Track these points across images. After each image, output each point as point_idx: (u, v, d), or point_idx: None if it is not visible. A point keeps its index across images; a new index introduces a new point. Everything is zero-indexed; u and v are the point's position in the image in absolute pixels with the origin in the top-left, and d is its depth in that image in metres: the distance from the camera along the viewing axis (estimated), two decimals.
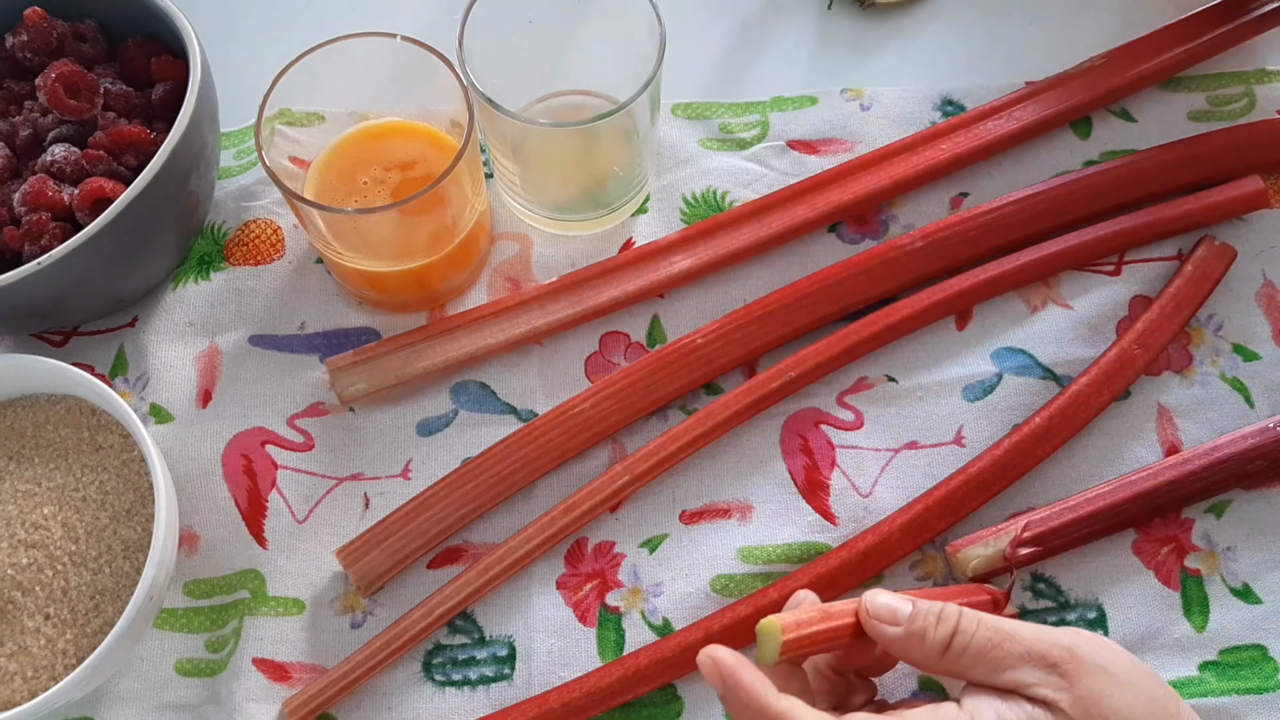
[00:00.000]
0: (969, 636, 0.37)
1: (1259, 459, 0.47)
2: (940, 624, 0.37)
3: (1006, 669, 0.36)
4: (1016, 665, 0.36)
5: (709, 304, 0.53)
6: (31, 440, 0.47)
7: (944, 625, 0.37)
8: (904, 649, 0.38)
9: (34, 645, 0.43)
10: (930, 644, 0.37)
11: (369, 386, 0.49)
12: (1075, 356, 0.50)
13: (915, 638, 0.37)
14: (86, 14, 0.52)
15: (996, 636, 0.37)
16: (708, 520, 0.49)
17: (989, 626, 0.37)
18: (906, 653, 0.38)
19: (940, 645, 0.37)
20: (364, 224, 0.46)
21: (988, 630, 0.37)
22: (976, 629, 0.37)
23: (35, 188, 0.47)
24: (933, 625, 0.37)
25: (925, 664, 0.38)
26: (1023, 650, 0.36)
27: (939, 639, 0.37)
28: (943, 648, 0.37)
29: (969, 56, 0.59)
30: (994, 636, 0.37)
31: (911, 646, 0.37)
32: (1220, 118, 0.56)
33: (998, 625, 0.37)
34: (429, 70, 0.47)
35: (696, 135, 0.56)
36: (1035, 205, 0.52)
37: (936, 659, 0.37)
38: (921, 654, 0.37)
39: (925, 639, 0.37)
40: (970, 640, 0.37)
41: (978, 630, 0.37)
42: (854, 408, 0.50)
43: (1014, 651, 0.36)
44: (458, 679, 0.46)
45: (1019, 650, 0.36)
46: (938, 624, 0.37)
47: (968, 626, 0.37)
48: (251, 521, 0.49)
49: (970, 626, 0.37)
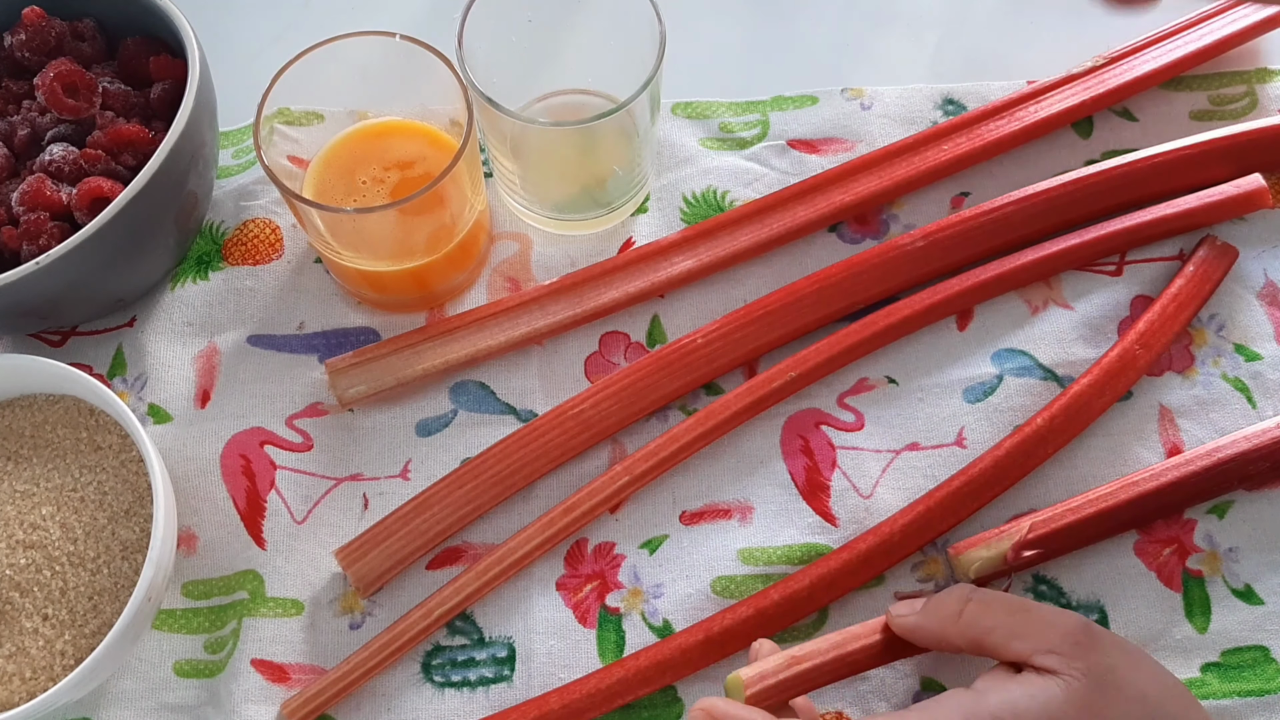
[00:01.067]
0: (984, 603, 0.38)
1: (1261, 460, 0.47)
2: (951, 594, 0.39)
3: (1021, 637, 0.37)
4: (1031, 635, 0.37)
5: (709, 304, 0.53)
6: (30, 440, 0.47)
7: (958, 592, 0.39)
8: (923, 626, 0.39)
9: (32, 646, 0.43)
10: (946, 610, 0.39)
11: (368, 389, 0.49)
12: (1076, 357, 0.50)
13: (931, 610, 0.39)
14: (85, 13, 0.52)
15: (1013, 605, 0.38)
16: (708, 521, 0.48)
17: (1005, 597, 0.38)
18: (926, 628, 0.39)
19: (955, 610, 0.38)
20: (363, 223, 0.46)
21: (1004, 600, 0.38)
22: (991, 599, 0.38)
23: (33, 187, 0.47)
24: (945, 595, 0.39)
25: (943, 634, 0.39)
26: (1039, 621, 0.37)
27: (954, 603, 0.39)
28: (957, 612, 0.38)
29: (970, 56, 0.59)
30: (1010, 605, 0.38)
31: (927, 621, 0.39)
32: (1222, 117, 0.56)
33: (1014, 598, 0.38)
34: (428, 69, 0.47)
35: (696, 134, 0.56)
36: (1036, 205, 0.52)
37: (953, 624, 0.38)
38: (938, 624, 0.39)
39: (941, 608, 0.39)
40: (986, 607, 0.38)
41: (994, 599, 0.38)
42: (854, 409, 0.50)
43: (1029, 621, 0.37)
44: (457, 680, 0.46)
45: (1035, 621, 0.37)
46: (949, 595, 0.39)
47: (983, 595, 0.39)
48: (250, 522, 0.49)
49: (985, 593, 0.39)
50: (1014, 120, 0.54)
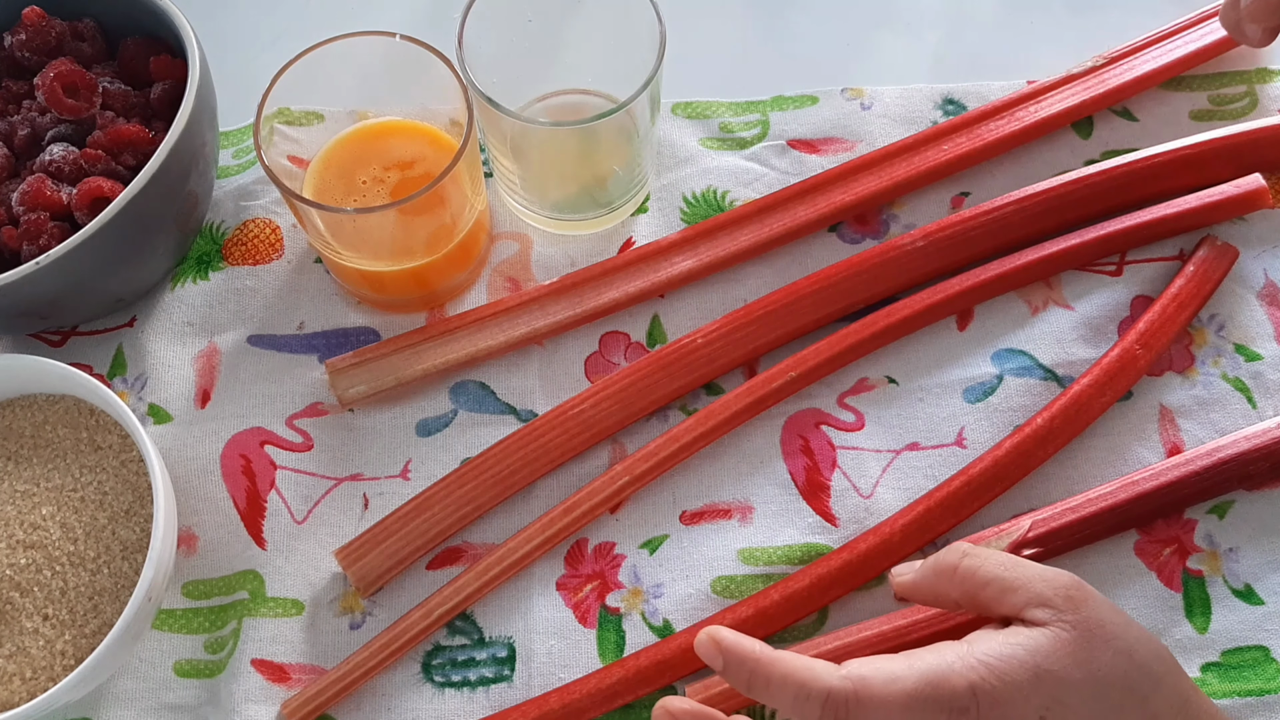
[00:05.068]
0: (979, 560, 0.39)
1: (1261, 460, 0.47)
2: (949, 550, 0.40)
3: (1016, 590, 0.37)
4: (1024, 589, 0.37)
5: (709, 304, 0.53)
6: (30, 440, 0.47)
7: (953, 550, 0.40)
8: (921, 582, 0.40)
9: (32, 646, 0.43)
10: (942, 564, 0.39)
11: (368, 389, 0.49)
12: (1077, 357, 0.50)
13: (928, 567, 0.40)
14: (85, 13, 0.52)
15: (1009, 561, 0.39)
16: (708, 521, 0.48)
17: (999, 554, 0.39)
18: (923, 584, 0.40)
19: (952, 564, 0.39)
20: (363, 223, 0.46)
21: (998, 557, 0.39)
22: (987, 554, 0.39)
23: (34, 187, 0.47)
24: (943, 553, 0.40)
25: (941, 590, 0.40)
26: (1033, 576, 0.38)
27: (949, 559, 0.39)
28: (953, 566, 0.39)
29: (970, 56, 0.59)
30: (1006, 561, 0.39)
31: (924, 577, 0.40)
32: (1222, 117, 0.55)
33: (1008, 555, 0.39)
34: (428, 69, 0.47)
35: (696, 134, 0.56)
36: (1036, 205, 0.52)
37: (949, 579, 0.39)
38: (935, 578, 0.40)
39: (938, 564, 0.40)
40: (983, 561, 0.39)
41: (989, 555, 0.39)
42: (855, 409, 0.50)
43: (1023, 576, 0.38)
44: (457, 680, 0.46)
45: (1029, 576, 0.38)
46: (947, 551, 0.40)
47: (977, 551, 0.39)
48: (250, 522, 0.49)
49: (983, 550, 0.39)
50: (1014, 120, 0.54)
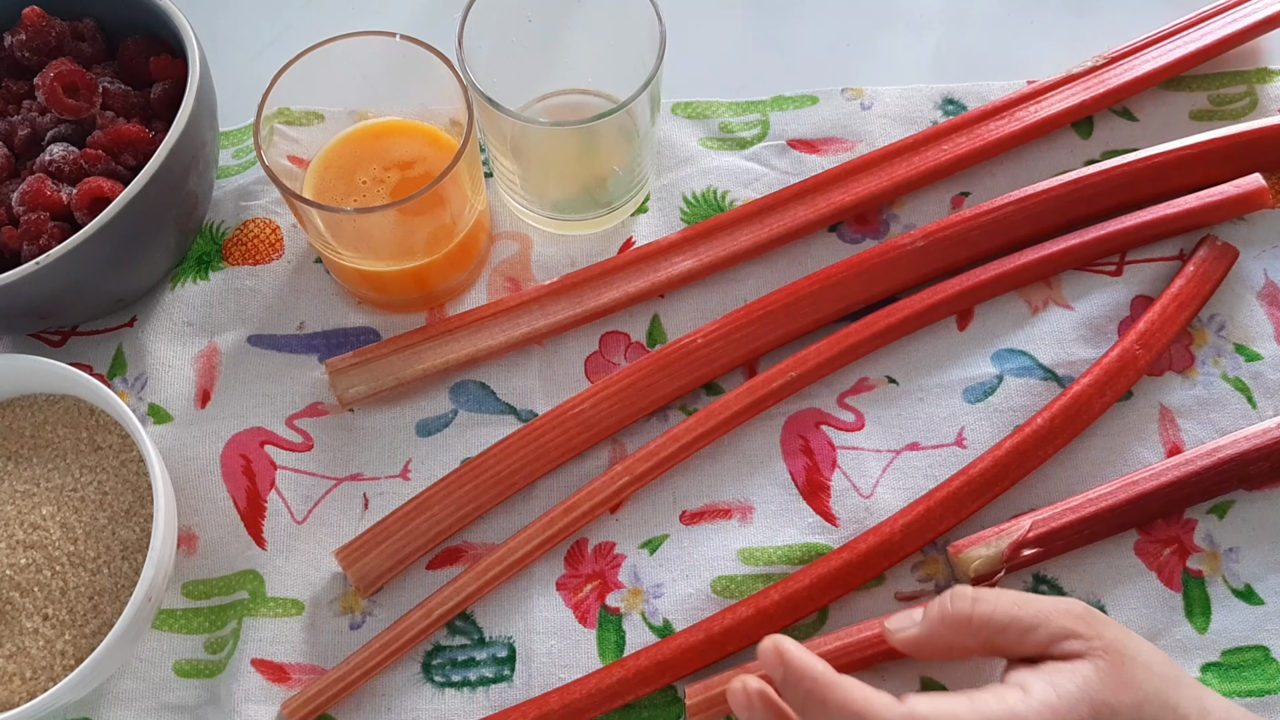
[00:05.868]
0: (991, 604, 0.38)
1: (1261, 460, 0.47)
2: (955, 599, 0.39)
3: (1036, 628, 0.37)
4: (1045, 625, 0.37)
5: (709, 304, 0.53)
6: (30, 440, 0.47)
7: (960, 598, 0.39)
8: (929, 638, 0.39)
9: (32, 646, 0.43)
10: (953, 616, 0.38)
11: (368, 389, 0.49)
12: (1077, 357, 0.50)
13: (935, 622, 0.39)
14: (85, 13, 0.52)
15: (1019, 599, 0.38)
16: (708, 521, 0.48)
17: (1008, 594, 0.38)
18: (932, 641, 0.39)
19: (964, 614, 0.38)
20: (363, 223, 0.46)
21: (1008, 596, 0.38)
22: (997, 597, 0.38)
23: (34, 187, 0.47)
24: (947, 602, 0.39)
25: (953, 643, 0.39)
26: (1048, 608, 0.38)
27: (961, 609, 0.38)
28: (967, 616, 0.38)
29: (970, 56, 0.59)
30: (1016, 599, 0.38)
31: (934, 632, 0.39)
32: (1222, 117, 0.55)
33: (1013, 593, 0.39)
34: (428, 69, 0.47)
35: (696, 134, 0.56)
36: (1036, 205, 0.52)
37: (965, 631, 0.38)
38: (946, 630, 0.39)
39: (946, 617, 0.38)
40: (994, 607, 0.38)
41: (999, 597, 0.38)
42: (855, 408, 0.50)
43: (1039, 611, 0.38)
44: (457, 680, 0.46)
45: (1043, 612, 0.38)
46: (951, 600, 0.39)
47: (986, 595, 0.38)
48: (250, 522, 0.49)
49: (989, 595, 0.38)
50: (1014, 120, 0.54)
